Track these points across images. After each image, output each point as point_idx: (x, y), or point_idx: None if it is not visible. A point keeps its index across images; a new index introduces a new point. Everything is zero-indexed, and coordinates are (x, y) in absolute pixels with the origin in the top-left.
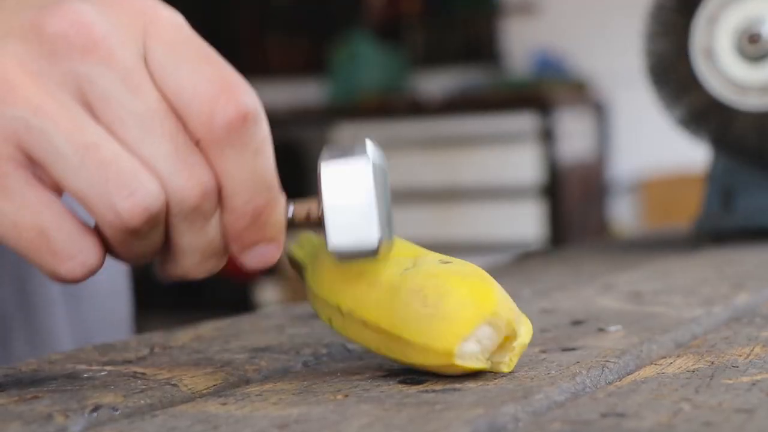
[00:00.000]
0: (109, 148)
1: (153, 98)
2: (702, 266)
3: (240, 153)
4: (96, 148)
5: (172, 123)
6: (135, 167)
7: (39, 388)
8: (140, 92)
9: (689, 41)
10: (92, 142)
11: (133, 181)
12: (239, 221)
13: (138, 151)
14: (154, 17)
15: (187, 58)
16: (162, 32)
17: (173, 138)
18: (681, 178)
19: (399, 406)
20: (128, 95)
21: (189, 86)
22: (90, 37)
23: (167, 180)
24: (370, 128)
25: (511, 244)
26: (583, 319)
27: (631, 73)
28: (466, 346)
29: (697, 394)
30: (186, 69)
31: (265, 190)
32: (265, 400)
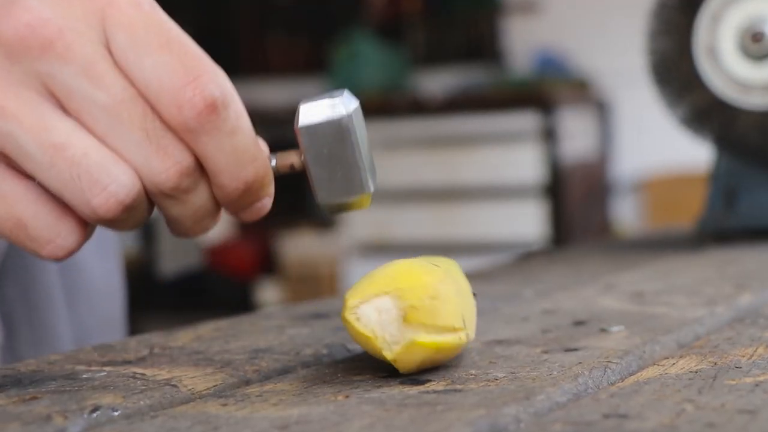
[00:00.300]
0: (78, 144)
1: (118, 87)
2: (705, 266)
3: (216, 137)
4: (63, 148)
5: (140, 109)
6: (106, 160)
7: (38, 389)
8: (103, 83)
9: (692, 40)
10: (60, 142)
11: (105, 175)
12: (231, 194)
13: (109, 142)
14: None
15: (148, 46)
16: (120, 16)
17: (142, 124)
18: (684, 178)
19: (400, 406)
20: (91, 87)
21: (154, 78)
22: (45, 34)
23: (141, 167)
24: (370, 127)
25: (513, 244)
26: (585, 319)
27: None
28: (364, 307)
29: (700, 395)
30: (148, 60)
31: (249, 163)
32: (265, 400)
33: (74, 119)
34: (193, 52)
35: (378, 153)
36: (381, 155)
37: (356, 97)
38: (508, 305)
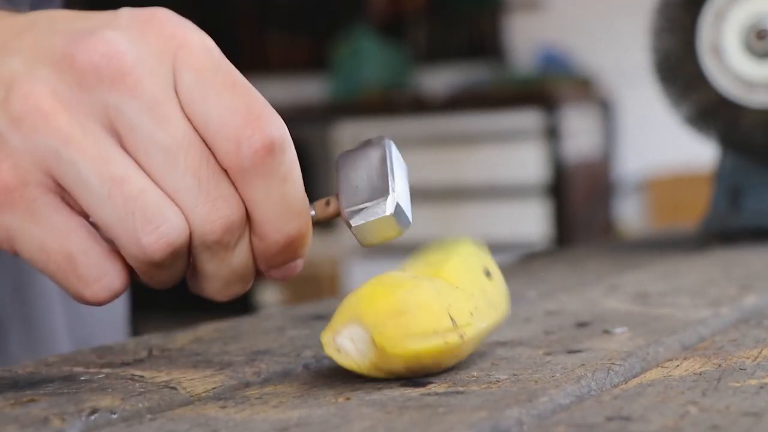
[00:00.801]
0: (136, 182)
1: (179, 130)
2: (709, 267)
3: (268, 182)
4: (122, 182)
5: (197, 155)
6: (160, 201)
7: (35, 391)
8: (166, 123)
9: (696, 38)
10: (119, 175)
11: (158, 215)
12: (270, 248)
13: (163, 183)
14: (184, 43)
15: (215, 86)
16: (191, 59)
17: (197, 171)
18: (688, 177)
19: (401, 409)
20: (154, 126)
21: (216, 117)
22: (119, 68)
23: (190, 213)
24: (372, 126)
25: (516, 244)
26: (589, 320)
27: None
28: (340, 339)
29: (704, 397)
30: (213, 99)
31: (295, 216)
32: (265, 403)
33: (132, 157)
34: (257, 96)
35: None
36: None
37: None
38: (510, 306)
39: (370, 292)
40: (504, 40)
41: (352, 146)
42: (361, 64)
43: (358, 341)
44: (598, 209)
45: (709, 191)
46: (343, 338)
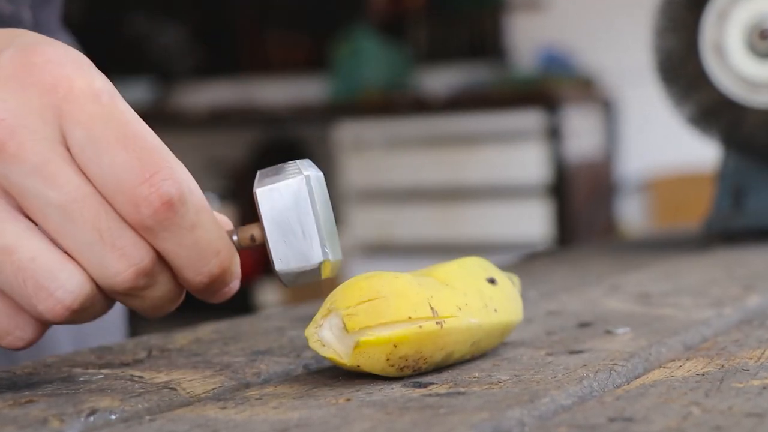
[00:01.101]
0: (26, 248)
1: (71, 186)
2: (712, 267)
3: (176, 233)
4: (11, 252)
5: (93, 208)
6: (54, 265)
7: (34, 392)
8: (55, 182)
9: (699, 37)
10: (8, 245)
11: (51, 281)
12: (196, 287)
13: (61, 242)
14: (69, 93)
15: (106, 141)
16: (77, 111)
17: (96, 224)
18: (690, 177)
19: (402, 410)
20: (43, 186)
21: (110, 176)
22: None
23: (94, 268)
24: (372, 126)
25: (517, 244)
26: (590, 321)
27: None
28: (322, 332)
29: (707, 397)
30: (105, 156)
31: (212, 256)
32: (265, 404)
33: (28, 219)
34: (152, 146)
35: (380, 152)
36: (383, 154)
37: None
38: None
39: (348, 283)
40: (505, 40)
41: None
42: (362, 64)
43: (335, 330)
44: (599, 209)
45: (712, 191)
46: (323, 330)
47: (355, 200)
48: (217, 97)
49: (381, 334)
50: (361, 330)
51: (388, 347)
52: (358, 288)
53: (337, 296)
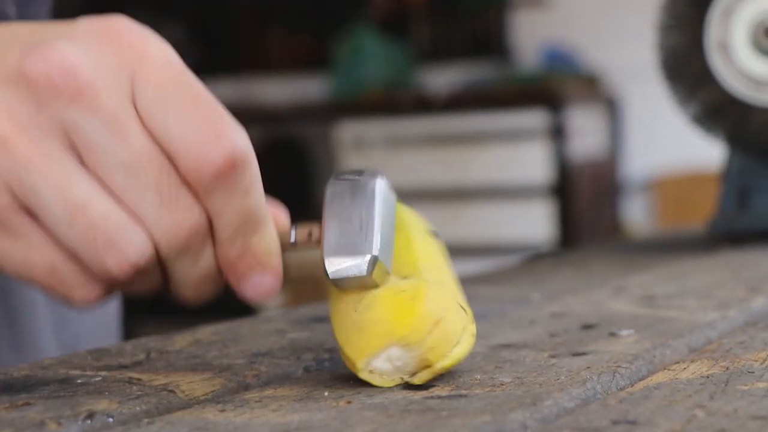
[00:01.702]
0: (98, 206)
1: (138, 145)
2: (717, 268)
3: (229, 195)
4: (84, 208)
5: (156, 169)
6: (123, 223)
7: (31, 395)
8: (125, 139)
9: (703, 35)
10: (81, 200)
11: (121, 239)
12: (229, 253)
13: (125, 199)
14: (143, 55)
15: (175, 101)
16: (150, 72)
17: (158, 185)
18: (696, 177)
19: (403, 412)
20: (113, 143)
21: (176, 133)
22: (75, 82)
23: (153, 227)
24: (374, 125)
25: (520, 245)
26: (594, 323)
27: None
28: (376, 363)
29: (712, 400)
30: (173, 115)
31: (253, 224)
32: (264, 406)
33: (92, 174)
34: (219, 111)
35: (381, 152)
36: (385, 154)
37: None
38: (515, 308)
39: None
40: (508, 37)
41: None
42: (363, 63)
43: (397, 360)
44: (604, 210)
45: (717, 191)
46: (379, 360)
47: None
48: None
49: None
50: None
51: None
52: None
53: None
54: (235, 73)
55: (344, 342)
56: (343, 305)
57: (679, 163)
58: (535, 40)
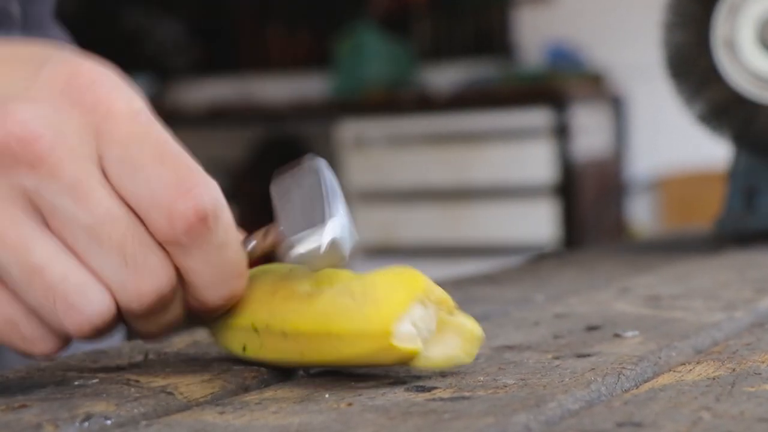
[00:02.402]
0: (57, 268)
1: (102, 207)
2: (723, 269)
3: (205, 251)
4: (42, 270)
5: (120, 231)
6: (83, 284)
7: (27, 397)
8: (87, 203)
9: (710, 32)
10: (38, 264)
11: (80, 300)
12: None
13: (88, 262)
14: (108, 113)
15: (141, 159)
16: (115, 129)
17: (121, 247)
18: (701, 176)
19: (405, 415)
20: (75, 207)
21: (146, 192)
22: (34, 149)
23: (118, 290)
24: (375, 124)
25: (524, 245)
26: (599, 324)
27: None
28: (402, 327)
29: (718, 402)
30: (141, 173)
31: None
32: (264, 408)
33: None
34: (187, 164)
35: (383, 151)
36: (386, 153)
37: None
38: (518, 310)
39: (394, 281)
40: (512, 35)
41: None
42: (364, 61)
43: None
44: (608, 209)
45: (723, 191)
46: (405, 324)
47: (358, 201)
48: (216, 94)
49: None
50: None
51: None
52: (422, 279)
53: (407, 289)
54: (234, 71)
55: (359, 324)
56: (326, 308)
57: (684, 163)
58: (539, 37)
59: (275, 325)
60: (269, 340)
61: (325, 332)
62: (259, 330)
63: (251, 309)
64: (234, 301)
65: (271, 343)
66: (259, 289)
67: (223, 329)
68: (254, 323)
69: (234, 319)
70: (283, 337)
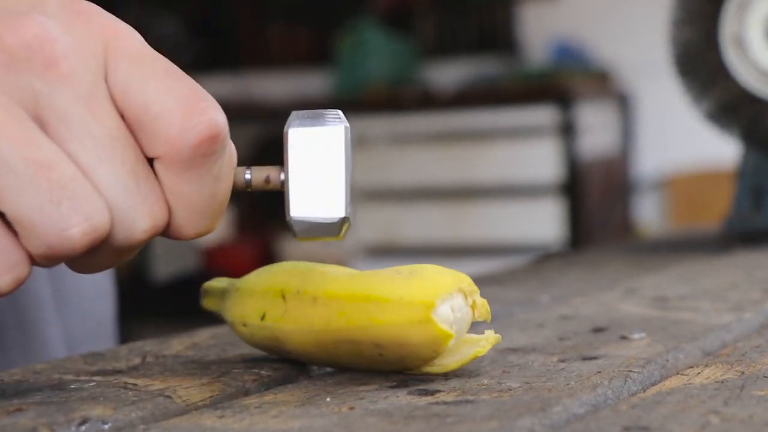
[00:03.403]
0: (65, 168)
1: (113, 122)
2: (732, 269)
3: (201, 177)
4: (50, 167)
5: (133, 152)
6: (92, 191)
7: (23, 400)
8: (100, 115)
9: (718, 29)
10: (46, 160)
11: (89, 206)
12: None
13: (93, 177)
14: (115, 33)
15: (153, 73)
16: (124, 48)
17: (134, 168)
18: (709, 175)
19: (408, 419)
20: (88, 117)
21: (156, 101)
22: (52, 53)
23: (119, 211)
24: (377, 122)
25: (528, 245)
26: (605, 326)
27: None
28: (443, 308)
29: (726, 406)
30: (153, 84)
31: (218, 215)
32: (264, 412)
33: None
34: (198, 85)
35: (386, 149)
36: (389, 152)
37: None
38: (523, 311)
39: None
40: (516, 31)
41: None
42: (367, 58)
43: (458, 310)
44: (615, 209)
45: (732, 190)
46: (446, 307)
47: (359, 200)
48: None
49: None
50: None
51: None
52: (464, 276)
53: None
54: (234, 68)
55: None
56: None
57: (692, 161)
58: (544, 34)
59: (308, 291)
60: (296, 306)
61: (363, 296)
62: (288, 296)
63: (280, 280)
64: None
65: (296, 310)
66: (281, 268)
67: (240, 295)
68: (284, 289)
69: (259, 287)
70: (313, 303)
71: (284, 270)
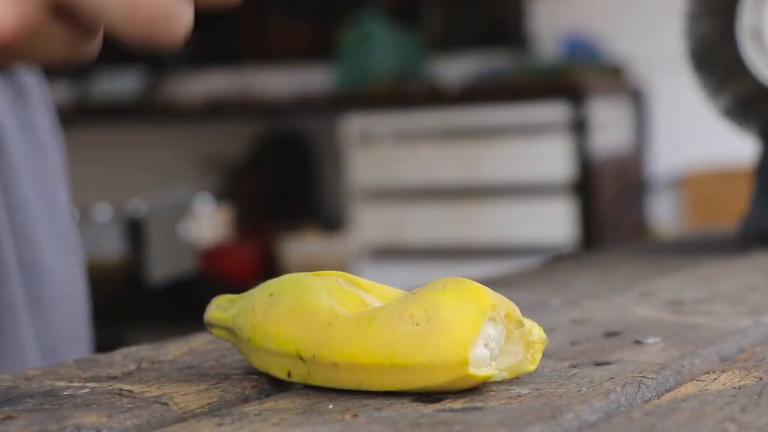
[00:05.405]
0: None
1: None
2: (750, 271)
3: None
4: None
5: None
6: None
7: (14, 407)
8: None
9: (735, 22)
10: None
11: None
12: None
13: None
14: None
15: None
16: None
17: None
18: (726, 174)
19: (413, 426)
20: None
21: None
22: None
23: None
24: (382, 119)
25: (539, 246)
26: (618, 330)
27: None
28: (477, 352)
29: (744, 413)
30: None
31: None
32: (264, 420)
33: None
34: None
35: (390, 147)
36: (393, 149)
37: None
38: (533, 315)
39: (460, 297)
40: (526, 25)
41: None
42: (371, 52)
43: (492, 340)
44: (628, 209)
45: (749, 189)
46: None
47: (363, 199)
48: (214, 87)
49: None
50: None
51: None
52: (486, 292)
53: (477, 305)
54: (233, 63)
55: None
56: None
57: (708, 159)
58: (555, 27)
59: (324, 356)
60: (318, 369)
61: (389, 364)
62: (306, 359)
63: (291, 334)
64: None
65: (320, 373)
66: (289, 310)
67: (257, 352)
68: (299, 351)
69: (272, 344)
70: (335, 369)
71: (286, 315)
